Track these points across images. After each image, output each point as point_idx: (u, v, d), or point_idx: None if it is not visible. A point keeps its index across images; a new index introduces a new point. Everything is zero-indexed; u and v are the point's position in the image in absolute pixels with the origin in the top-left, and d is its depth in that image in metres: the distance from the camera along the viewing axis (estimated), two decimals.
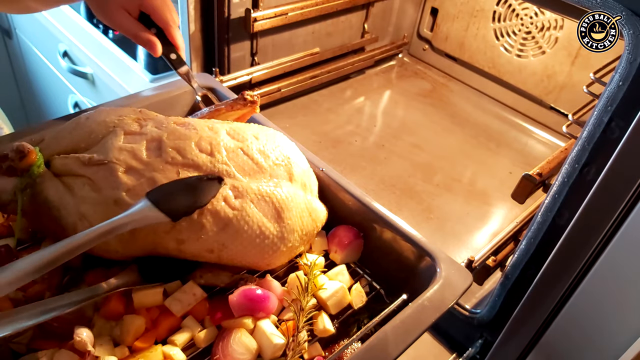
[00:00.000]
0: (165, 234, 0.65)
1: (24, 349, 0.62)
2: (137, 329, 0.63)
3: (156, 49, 0.78)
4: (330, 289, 0.71)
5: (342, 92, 1.46)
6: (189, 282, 0.68)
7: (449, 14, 1.48)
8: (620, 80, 0.58)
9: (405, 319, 0.64)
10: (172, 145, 0.68)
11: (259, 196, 0.68)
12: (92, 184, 0.65)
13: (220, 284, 0.71)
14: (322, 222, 0.78)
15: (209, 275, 0.70)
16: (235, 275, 0.72)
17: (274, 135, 0.77)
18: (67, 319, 0.63)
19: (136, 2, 0.77)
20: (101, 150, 0.67)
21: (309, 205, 0.74)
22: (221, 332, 0.66)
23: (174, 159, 0.67)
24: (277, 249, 0.70)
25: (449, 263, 0.72)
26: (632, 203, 0.60)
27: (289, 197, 0.71)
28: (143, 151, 0.67)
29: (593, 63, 1.21)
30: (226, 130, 0.73)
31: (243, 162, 0.70)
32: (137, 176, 0.65)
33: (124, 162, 0.65)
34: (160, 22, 0.79)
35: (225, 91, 0.98)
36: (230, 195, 0.67)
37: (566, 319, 0.73)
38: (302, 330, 0.66)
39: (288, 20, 1.22)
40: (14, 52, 1.95)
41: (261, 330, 0.66)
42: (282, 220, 0.69)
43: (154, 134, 0.69)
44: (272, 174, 0.71)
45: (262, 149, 0.73)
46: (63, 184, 0.66)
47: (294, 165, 0.74)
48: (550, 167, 0.83)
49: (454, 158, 1.27)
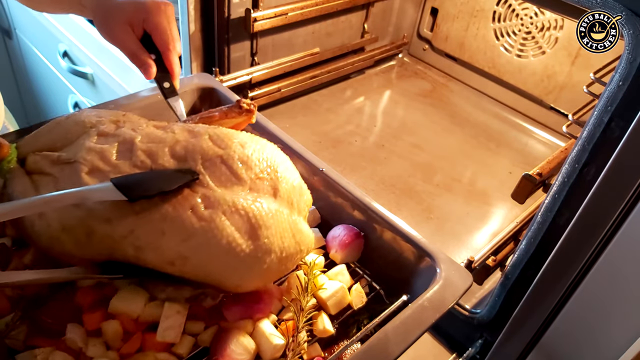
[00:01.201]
0: (123, 238, 0.60)
1: (21, 346, 0.62)
2: (114, 333, 0.62)
3: (150, 71, 0.75)
4: (330, 289, 0.71)
5: (342, 92, 1.46)
6: (166, 305, 0.64)
7: (449, 14, 1.48)
8: (620, 80, 0.58)
9: (405, 320, 0.64)
10: (144, 148, 0.65)
11: (232, 208, 0.62)
12: (56, 182, 0.63)
13: (182, 299, 0.64)
14: (309, 247, 0.70)
15: (171, 289, 0.64)
16: (197, 289, 0.65)
17: (264, 147, 0.71)
18: (61, 316, 0.63)
19: (140, 18, 0.75)
20: (72, 150, 0.66)
21: (294, 226, 0.67)
22: (219, 332, 0.66)
23: (143, 162, 0.64)
24: (248, 270, 0.62)
25: (449, 263, 0.72)
26: (632, 203, 0.60)
27: (269, 214, 0.64)
28: (113, 153, 0.65)
29: (593, 63, 1.21)
30: (209, 135, 0.68)
31: (220, 172, 0.65)
32: (101, 178, 0.62)
33: (90, 162, 0.63)
34: (160, 44, 0.76)
35: (226, 91, 0.98)
36: (198, 203, 0.61)
37: (566, 319, 0.73)
38: (302, 330, 0.66)
39: (288, 20, 1.22)
40: (14, 52, 1.95)
41: (260, 330, 0.65)
42: (257, 237, 0.62)
43: (127, 136, 0.66)
44: (252, 187, 0.65)
45: (245, 159, 0.66)
46: (32, 181, 0.65)
47: (281, 180, 0.68)
48: (550, 167, 0.83)
49: (454, 158, 1.27)
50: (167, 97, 0.80)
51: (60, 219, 0.61)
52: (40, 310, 0.64)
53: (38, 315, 0.63)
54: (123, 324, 0.63)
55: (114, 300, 0.64)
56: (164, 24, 0.76)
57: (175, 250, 0.60)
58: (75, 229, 0.61)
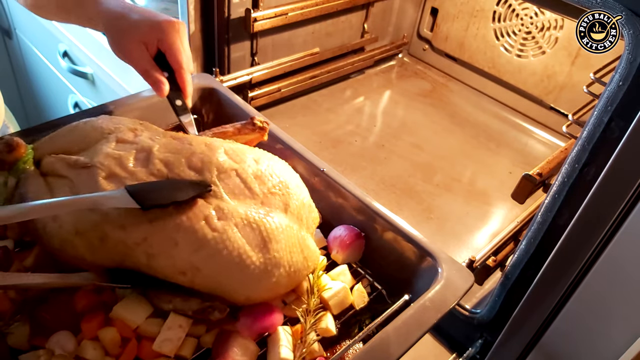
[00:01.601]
0: (136, 245, 0.61)
1: (26, 346, 0.62)
2: (111, 340, 0.62)
3: (163, 89, 0.75)
4: (333, 289, 0.72)
5: (342, 92, 1.47)
6: (170, 316, 0.63)
7: (449, 14, 1.48)
8: (620, 80, 0.58)
9: (407, 320, 0.64)
10: (161, 157, 0.66)
11: (245, 221, 0.63)
12: (72, 186, 0.63)
13: (188, 311, 0.64)
14: (315, 263, 0.72)
15: (178, 300, 0.64)
16: (205, 302, 0.64)
17: (277, 163, 0.73)
18: (60, 315, 0.63)
19: (155, 37, 0.75)
20: (89, 154, 0.66)
21: (302, 242, 0.69)
22: (221, 334, 0.66)
23: (159, 171, 0.65)
24: (258, 282, 0.64)
25: (451, 263, 0.72)
26: (632, 203, 0.60)
27: (280, 228, 0.66)
28: (130, 160, 0.65)
29: (593, 63, 1.21)
30: (224, 150, 0.70)
31: (234, 185, 0.66)
32: (117, 184, 0.63)
33: (107, 168, 0.64)
34: (173, 63, 0.76)
35: (226, 91, 0.98)
36: (212, 215, 0.63)
37: (566, 319, 0.73)
38: (310, 332, 0.66)
39: (288, 20, 1.22)
40: (14, 52, 1.95)
41: (273, 339, 0.65)
42: (267, 251, 0.64)
43: (145, 144, 0.67)
44: (264, 202, 0.67)
45: (259, 174, 0.68)
46: (46, 183, 0.65)
47: (291, 196, 0.70)
48: (550, 167, 0.83)
49: (454, 158, 1.27)
50: (179, 115, 0.79)
51: (74, 222, 0.61)
52: (41, 308, 0.64)
53: (39, 312, 0.64)
54: (120, 332, 0.63)
55: (117, 306, 0.64)
56: (178, 43, 0.76)
57: (187, 260, 0.61)
58: (89, 233, 0.61)
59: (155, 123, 0.77)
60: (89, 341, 0.62)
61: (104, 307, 0.65)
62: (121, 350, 0.62)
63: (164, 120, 0.80)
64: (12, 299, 0.64)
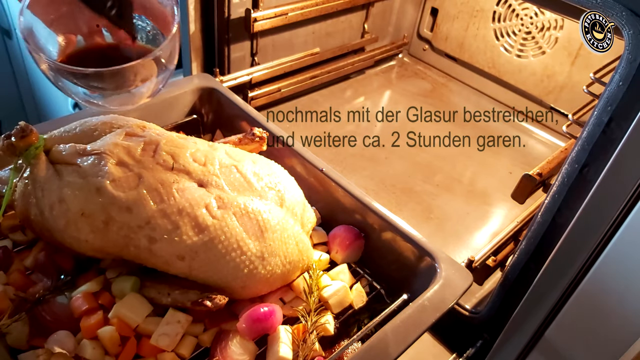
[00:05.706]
0: (139, 228, 0.64)
1: (25, 346, 0.63)
2: (110, 339, 0.62)
3: None
4: (332, 288, 0.72)
5: (342, 92, 1.46)
6: (169, 311, 0.65)
7: (449, 14, 1.48)
8: (620, 80, 0.58)
9: (405, 319, 0.64)
10: (167, 149, 0.69)
11: (243, 211, 0.67)
12: (80, 171, 0.65)
13: (187, 303, 0.65)
14: (309, 257, 0.75)
15: (177, 292, 0.65)
16: (204, 293, 0.66)
17: (273, 165, 0.78)
18: (59, 315, 0.64)
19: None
20: (98, 144, 0.68)
21: (297, 235, 0.72)
22: (220, 333, 0.66)
23: (165, 161, 0.68)
24: (254, 269, 0.66)
25: (450, 263, 0.72)
26: (632, 203, 0.60)
27: (275, 219, 0.69)
28: (138, 150, 0.68)
29: (593, 63, 1.21)
30: (225, 150, 0.75)
31: (234, 178, 0.71)
32: (125, 170, 0.65)
33: (116, 155, 0.66)
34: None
35: (226, 91, 0.98)
36: (213, 204, 0.66)
37: (566, 319, 0.73)
38: (312, 331, 0.66)
39: (288, 20, 1.22)
40: (14, 52, 1.95)
41: (273, 338, 0.66)
42: (264, 240, 0.67)
43: (152, 137, 0.71)
44: (262, 195, 0.71)
45: (256, 172, 0.73)
46: (55, 169, 0.67)
47: (286, 192, 0.74)
48: (550, 167, 0.83)
49: (454, 158, 1.27)
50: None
51: (80, 204, 0.63)
52: (41, 307, 0.64)
53: (38, 311, 0.64)
54: (120, 331, 0.63)
55: (117, 305, 0.65)
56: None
57: (187, 244, 0.64)
58: (95, 215, 0.63)
59: (155, 123, 0.77)
60: (89, 340, 0.62)
61: (103, 308, 0.65)
62: (120, 349, 0.62)
63: (164, 120, 0.80)
64: (12, 299, 0.65)
